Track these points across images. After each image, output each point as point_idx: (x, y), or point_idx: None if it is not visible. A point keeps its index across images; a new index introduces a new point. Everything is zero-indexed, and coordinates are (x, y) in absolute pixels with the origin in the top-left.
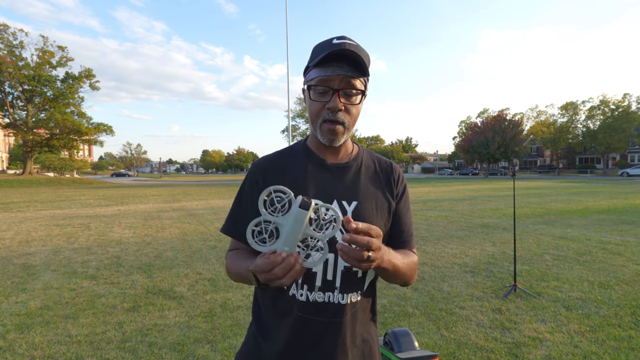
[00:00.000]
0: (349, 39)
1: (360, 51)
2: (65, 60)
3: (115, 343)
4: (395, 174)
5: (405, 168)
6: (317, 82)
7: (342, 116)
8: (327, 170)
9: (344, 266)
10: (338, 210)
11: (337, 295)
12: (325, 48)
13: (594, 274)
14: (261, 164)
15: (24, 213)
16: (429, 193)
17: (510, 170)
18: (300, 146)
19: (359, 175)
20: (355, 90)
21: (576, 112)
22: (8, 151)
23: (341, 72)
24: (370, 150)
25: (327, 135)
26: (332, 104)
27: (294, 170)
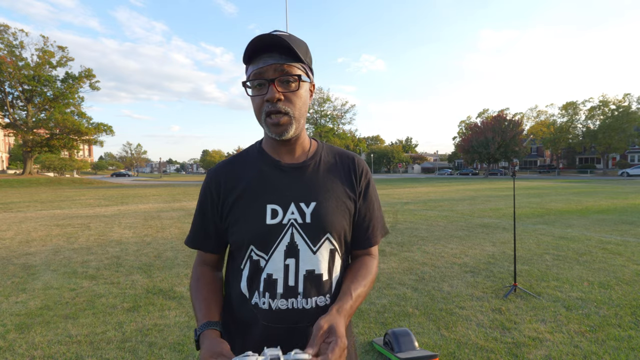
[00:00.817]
0: (279, 31)
1: (291, 39)
2: (65, 60)
3: (115, 343)
4: (358, 168)
5: (405, 168)
6: (252, 77)
7: (283, 106)
8: (282, 171)
9: (306, 270)
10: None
11: (301, 301)
12: (252, 42)
13: (594, 274)
14: (215, 172)
15: (24, 213)
16: (429, 193)
17: (510, 170)
18: (255, 149)
19: (318, 173)
20: (292, 76)
21: (576, 112)
22: (8, 151)
23: (273, 61)
24: (332, 145)
25: (273, 128)
26: (269, 95)
27: (248, 175)
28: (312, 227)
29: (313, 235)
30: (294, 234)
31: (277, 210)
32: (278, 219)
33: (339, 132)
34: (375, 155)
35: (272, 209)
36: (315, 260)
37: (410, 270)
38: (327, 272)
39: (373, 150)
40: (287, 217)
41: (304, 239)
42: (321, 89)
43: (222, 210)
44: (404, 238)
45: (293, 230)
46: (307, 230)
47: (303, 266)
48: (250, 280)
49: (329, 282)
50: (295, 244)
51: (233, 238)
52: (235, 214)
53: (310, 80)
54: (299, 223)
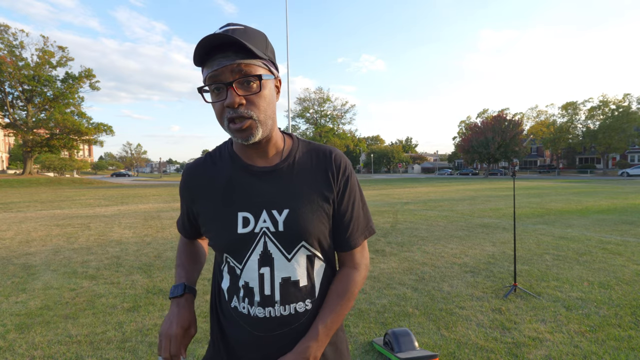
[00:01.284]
0: (233, 25)
1: (246, 34)
2: (65, 60)
3: (115, 343)
4: (335, 165)
5: (405, 168)
6: (208, 81)
7: (246, 110)
8: (254, 176)
9: (282, 278)
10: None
11: (279, 309)
12: (205, 40)
13: (594, 274)
14: (187, 173)
15: (24, 213)
16: (429, 193)
17: (510, 170)
18: (225, 150)
19: (291, 177)
20: (252, 77)
21: (576, 112)
22: (8, 151)
23: (228, 62)
24: (309, 142)
25: (238, 134)
26: (228, 100)
27: (219, 180)
28: (285, 235)
29: (287, 243)
30: (267, 242)
31: (249, 219)
32: (250, 228)
33: (339, 132)
34: (375, 155)
35: (243, 217)
36: (290, 267)
37: (410, 270)
38: (306, 277)
39: (373, 150)
40: (259, 225)
41: (278, 248)
42: (321, 89)
43: (195, 213)
44: (404, 238)
45: (266, 239)
46: (280, 239)
47: (278, 274)
48: (230, 285)
49: (308, 286)
50: (269, 252)
51: (210, 243)
52: (208, 220)
53: (275, 76)
54: (271, 231)
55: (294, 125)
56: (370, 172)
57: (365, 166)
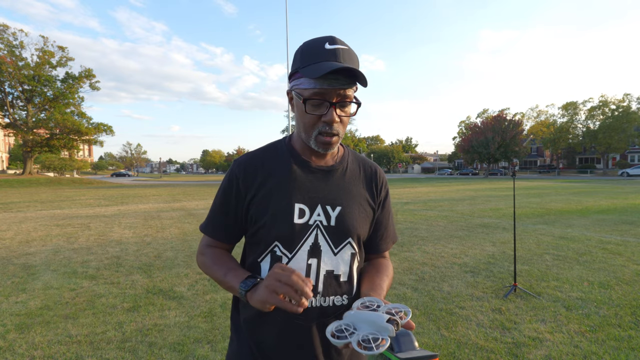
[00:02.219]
0: (340, 43)
1: (353, 59)
2: (65, 60)
3: (115, 343)
4: (379, 179)
5: (405, 168)
6: (312, 95)
7: (337, 128)
8: (312, 173)
9: (326, 270)
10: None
11: (320, 299)
12: (318, 55)
13: (594, 274)
14: (244, 163)
15: (24, 213)
16: (429, 193)
17: (510, 170)
18: (283, 146)
19: (344, 179)
20: (349, 101)
21: (576, 112)
22: (8, 151)
23: (338, 85)
24: (356, 152)
25: (322, 146)
26: (328, 117)
27: (277, 172)
28: (336, 230)
29: (336, 238)
30: (318, 235)
31: (305, 210)
32: (305, 219)
33: None
34: (375, 155)
35: (299, 209)
36: (336, 262)
37: (410, 270)
38: (347, 273)
39: (373, 150)
40: (314, 218)
41: (327, 241)
42: None
43: (248, 203)
44: (404, 238)
45: (318, 232)
46: (330, 233)
47: (324, 267)
48: None
49: (347, 283)
50: (319, 244)
51: (257, 232)
52: (263, 209)
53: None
54: (324, 225)
55: (294, 125)
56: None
57: None
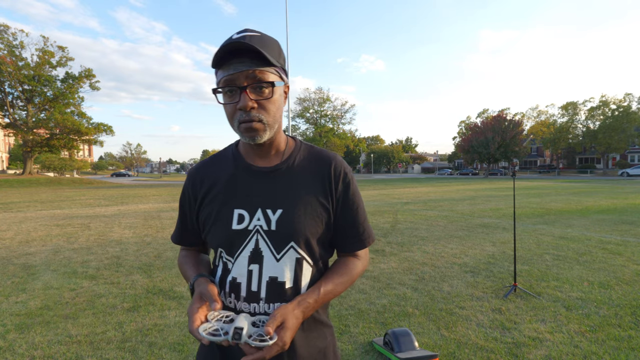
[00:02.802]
0: (250, 31)
1: (262, 41)
2: (65, 60)
3: (115, 343)
4: (335, 171)
5: (405, 168)
6: (222, 84)
7: (257, 113)
8: (253, 175)
9: (269, 277)
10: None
11: (263, 306)
12: (223, 46)
13: (594, 274)
14: (193, 173)
15: (24, 213)
16: (429, 193)
17: (510, 170)
18: (230, 150)
19: (289, 178)
20: (265, 83)
21: (576, 112)
22: (8, 151)
23: (243, 68)
24: (311, 146)
25: (247, 133)
26: (241, 103)
27: (220, 178)
28: (276, 234)
29: (277, 242)
30: (258, 240)
31: (244, 216)
32: (244, 225)
33: (339, 132)
34: (375, 155)
35: (239, 214)
36: (278, 268)
37: (410, 270)
38: (292, 280)
39: (373, 150)
40: (253, 223)
41: (269, 246)
42: (321, 89)
43: (197, 211)
44: (404, 238)
45: (258, 237)
46: (271, 238)
47: (266, 273)
48: (220, 279)
49: (293, 289)
50: (260, 250)
51: (207, 239)
52: (207, 216)
53: (284, 83)
54: (264, 230)
55: (294, 125)
56: (370, 172)
57: (365, 166)
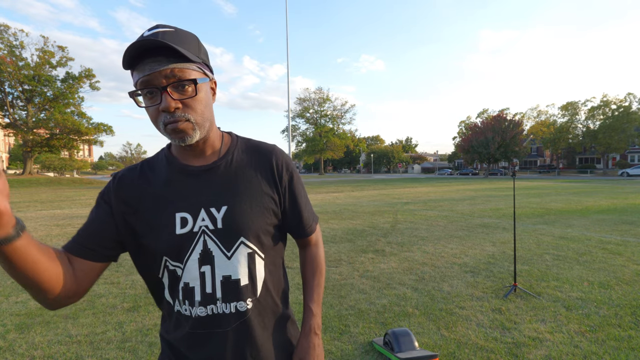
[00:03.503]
0: (163, 27)
1: (177, 37)
2: (65, 60)
3: (115, 343)
4: (276, 161)
5: (405, 168)
6: (140, 86)
7: (182, 113)
8: (190, 176)
9: (223, 276)
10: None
11: (221, 306)
12: (134, 46)
13: (594, 274)
14: (119, 179)
15: (24, 213)
16: (429, 193)
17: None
18: (162, 154)
19: (229, 174)
20: (186, 81)
21: (576, 112)
22: (8, 151)
23: (160, 67)
24: (248, 139)
25: (175, 135)
26: (163, 104)
27: (155, 182)
28: (224, 232)
29: (226, 240)
30: (206, 240)
31: (187, 219)
32: (188, 228)
33: (339, 132)
34: (375, 155)
35: (181, 218)
36: (231, 266)
37: (410, 270)
38: (247, 276)
39: (373, 150)
40: (198, 224)
41: (218, 245)
42: (321, 89)
43: (124, 221)
44: (404, 238)
45: (205, 237)
46: (219, 236)
47: (219, 272)
48: (170, 288)
49: (250, 285)
50: (209, 250)
51: (145, 250)
52: (144, 224)
53: (209, 78)
54: (210, 229)
55: (294, 125)
56: (370, 172)
57: (365, 166)
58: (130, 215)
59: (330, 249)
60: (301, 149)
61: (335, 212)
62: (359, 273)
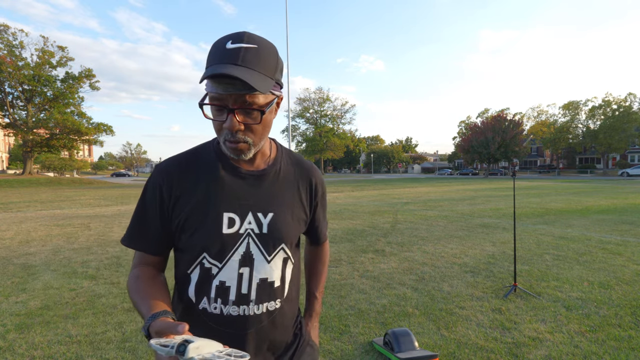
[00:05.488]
0: (246, 41)
1: (258, 61)
2: (65, 60)
3: (115, 343)
4: (314, 180)
5: (405, 168)
6: (209, 100)
7: (243, 135)
8: (242, 179)
9: (260, 279)
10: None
11: (253, 307)
12: (217, 56)
13: (594, 274)
14: (166, 169)
15: (24, 213)
16: (429, 193)
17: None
18: (211, 149)
19: (276, 183)
20: (255, 110)
21: (577, 112)
22: (8, 151)
23: (233, 91)
24: (291, 152)
25: (232, 152)
26: (227, 124)
27: (204, 178)
28: (268, 237)
29: (269, 245)
30: (249, 243)
31: (235, 220)
32: (235, 228)
33: (339, 132)
34: (375, 155)
35: (229, 218)
36: (269, 269)
37: (410, 270)
38: (280, 279)
39: (373, 150)
40: (244, 226)
41: (260, 249)
42: (321, 89)
43: (172, 213)
44: (404, 238)
45: (249, 240)
46: (263, 241)
47: (257, 275)
48: (199, 285)
49: (281, 287)
50: (251, 253)
51: (184, 243)
52: (189, 219)
53: (277, 97)
54: (255, 233)
55: (294, 125)
56: (370, 172)
57: (365, 166)
58: (176, 204)
59: (331, 249)
60: (301, 149)
61: (335, 212)
62: (359, 273)
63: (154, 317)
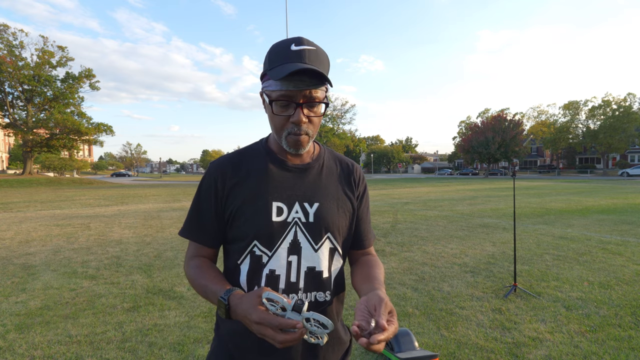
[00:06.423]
0: (307, 44)
1: (320, 61)
2: (65, 60)
3: (115, 343)
4: (356, 174)
5: (405, 168)
6: (278, 97)
7: (306, 127)
8: (288, 171)
9: (307, 267)
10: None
11: (302, 296)
12: (284, 57)
13: (594, 274)
14: (220, 165)
15: (24, 213)
16: (429, 193)
17: (510, 170)
18: (261, 146)
19: (321, 175)
20: (319, 103)
21: (577, 112)
22: (8, 151)
23: (303, 87)
24: (332, 150)
25: (293, 146)
26: (296, 118)
27: (254, 172)
28: (314, 226)
29: (315, 234)
30: (297, 232)
31: (283, 208)
32: (283, 217)
33: (339, 132)
34: (375, 155)
35: (277, 207)
36: (316, 257)
37: (410, 270)
38: (327, 269)
39: (373, 150)
40: (292, 215)
41: (307, 238)
42: None
43: (225, 204)
44: (404, 238)
45: (297, 229)
46: (309, 229)
47: (305, 263)
48: (250, 275)
49: (329, 279)
50: (298, 241)
51: (235, 232)
52: (241, 208)
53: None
54: (302, 222)
55: None
56: (370, 172)
57: (365, 166)
58: (229, 197)
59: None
60: None
61: None
62: None
63: (230, 290)
